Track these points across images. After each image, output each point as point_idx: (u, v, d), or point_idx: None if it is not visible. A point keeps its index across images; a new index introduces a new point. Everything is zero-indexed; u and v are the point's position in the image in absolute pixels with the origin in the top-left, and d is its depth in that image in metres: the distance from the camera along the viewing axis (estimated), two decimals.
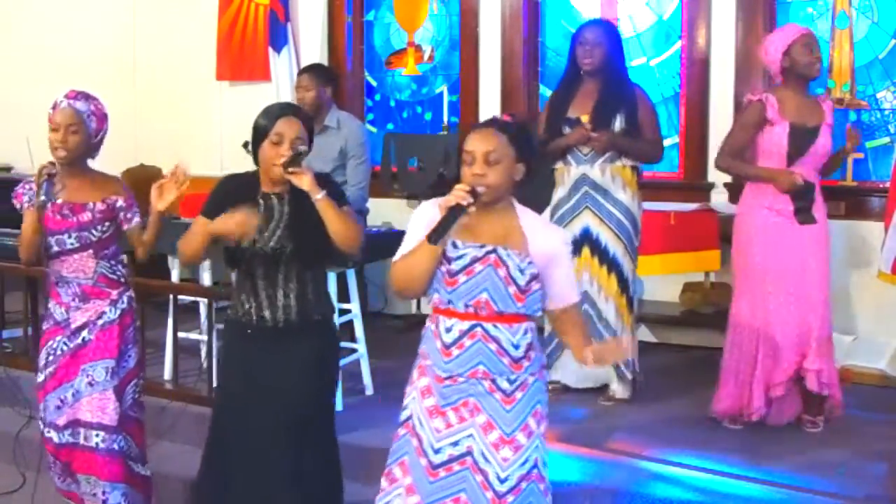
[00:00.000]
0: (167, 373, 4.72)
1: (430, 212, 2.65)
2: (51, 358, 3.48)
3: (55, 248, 3.42)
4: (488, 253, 2.60)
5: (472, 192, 2.55)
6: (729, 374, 4.13)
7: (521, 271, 2.60)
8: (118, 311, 3.49)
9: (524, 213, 2.69)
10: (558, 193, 4.48)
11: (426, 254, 2.58)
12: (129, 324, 3.53)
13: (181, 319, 4.66)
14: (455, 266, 2.61)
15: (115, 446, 3.47)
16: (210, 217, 3.04)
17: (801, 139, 4.01)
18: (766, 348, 4.05)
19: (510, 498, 2.60)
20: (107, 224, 3.48)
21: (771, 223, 4.05)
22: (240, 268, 3.08)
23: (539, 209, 3.16)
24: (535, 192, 4.59)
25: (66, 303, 3.48)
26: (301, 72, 5.33)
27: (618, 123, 4.34)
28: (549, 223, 2.70)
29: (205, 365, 4.46)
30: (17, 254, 5.20)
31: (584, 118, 4.35)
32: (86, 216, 3.44)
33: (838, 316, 5.13)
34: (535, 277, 2.61)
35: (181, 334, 4.68)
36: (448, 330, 2.64)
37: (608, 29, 4.48)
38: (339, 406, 4.35)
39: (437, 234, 2.54)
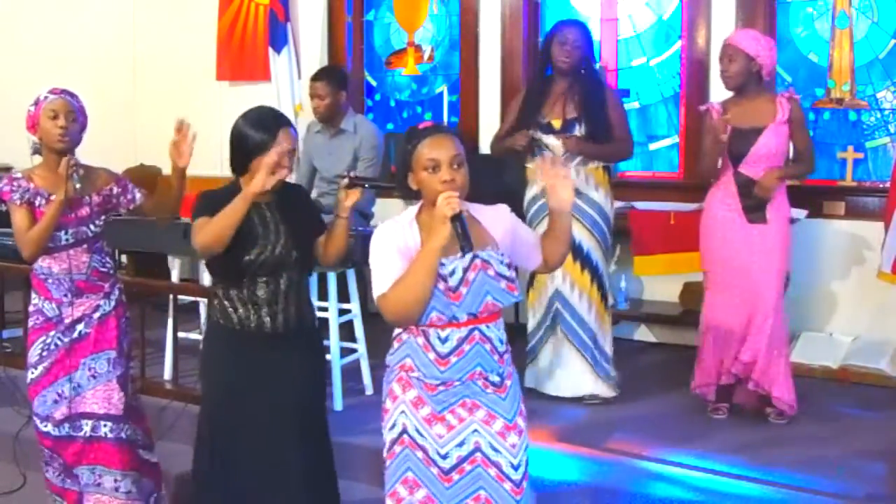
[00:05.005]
0: (167, 373, 4.73)
1: (397, 232, 2.59)
2: (45, 353, 3.48)
3: (49, 245, 3.40)
4: (472, 259, 2.57)
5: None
6: (699, 356, 4.34)
7: (505, 264, 2.62)
8: (112, 303, 3.55)
9: (472, 209, 2.64)
10: (532, 191, 4.57)
11: (428, 273, 2.49)
12: (123, 314, 3.59)
13: (181, 319, 4.66)
14: (453, 281, 2.55)
15: (123, 435, 3.53)
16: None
17: (739, 141, 4.14)
18: (712, 338, 4.24)
19: (525, 484, 2.62)
20: (103, 217, 3.52)
21: (720, 217, 4.23)
22: (241, 279, 2.98)
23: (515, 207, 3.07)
24: (511, 188, 4.69)
25: (57, 298, 3.47)
26: (314, 78, 5.24)
27: (584, 126, 4.43)
28: (489, 206, 2.71)
29: None
30: (16, 253, 5.18)
31: (556, 123, 4.46)
32: (84, 211, 3.45)
33: (838, 316, 5.15)
34: (510, 263, 2.65)
35: (181, 334, 4.68)
36: (444, 340, 2.59)
37: (585, 31, 4.57)
38: (338, 406, 4.37)
39: (468, 242, 2.47)
